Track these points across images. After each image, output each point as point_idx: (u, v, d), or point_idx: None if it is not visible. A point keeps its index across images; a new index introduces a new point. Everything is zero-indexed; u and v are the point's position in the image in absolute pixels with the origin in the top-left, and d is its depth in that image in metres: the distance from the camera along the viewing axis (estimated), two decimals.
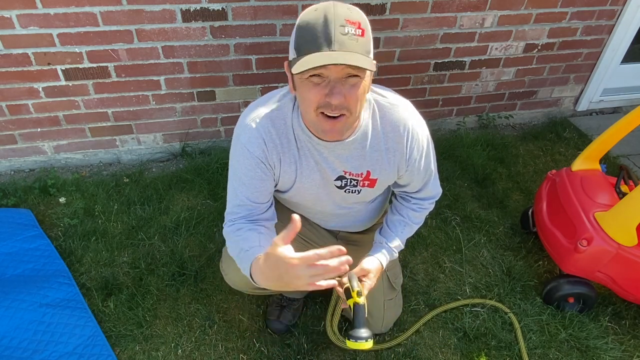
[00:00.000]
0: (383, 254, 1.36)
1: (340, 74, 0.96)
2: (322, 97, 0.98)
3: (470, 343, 1.66)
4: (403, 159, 1.23)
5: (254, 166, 1.17)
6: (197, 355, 1.58)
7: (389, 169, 1.25)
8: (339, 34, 0.92)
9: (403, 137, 1.20)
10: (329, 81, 0.97)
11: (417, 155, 1.24)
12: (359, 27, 0.95)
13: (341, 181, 1.26)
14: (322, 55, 0.92)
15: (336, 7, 0.94)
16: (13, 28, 1.91)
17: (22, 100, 2.14)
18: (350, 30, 0.93)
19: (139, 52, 2.11)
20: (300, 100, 1.05)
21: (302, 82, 0.99)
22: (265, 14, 2.12)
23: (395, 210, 1.44)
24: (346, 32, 0.92)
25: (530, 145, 2.78)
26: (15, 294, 1.63)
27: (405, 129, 1.19)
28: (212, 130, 2.50)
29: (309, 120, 1.08)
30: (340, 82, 0.97)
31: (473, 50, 2.56)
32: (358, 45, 0.94)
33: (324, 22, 0.93)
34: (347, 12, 0.95)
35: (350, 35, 0.93)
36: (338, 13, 0.93)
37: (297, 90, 1.05)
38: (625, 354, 1.66)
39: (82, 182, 2.28)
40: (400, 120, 1.19)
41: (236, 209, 1.23)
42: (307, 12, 0.98)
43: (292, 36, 1.01)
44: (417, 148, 1.23)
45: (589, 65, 2.87)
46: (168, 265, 1.86)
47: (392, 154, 1.22)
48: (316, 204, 1.35)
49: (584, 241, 1.60)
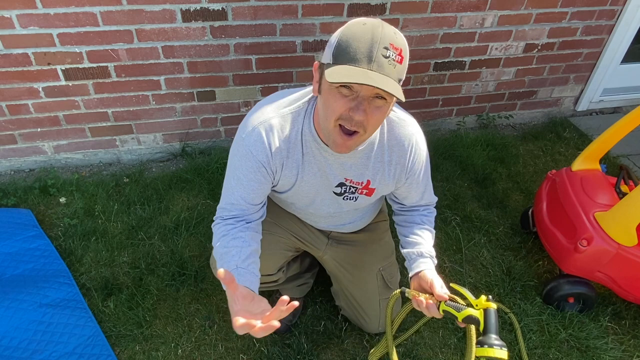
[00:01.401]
0: (422, 263, 1.26)
1: (370, 93, 0.97)
2: (346, 110, 0.99)
3: None
4: (403, 173, 1.26)
5: (255, 169, 1.17)
6: (197, 355, 1.58)
7: (388, 180, 1.27)
8: (380, 55, 0.93)
9: (407, 152, 1.23)
10: (357, 96, 0.97)
11: (418, 169, 1.28)
12: (400, 53, 0.95)
13: (341, 188, 1.27)
14: (360, 72, 0.92)
15: (384, 28, 0.95)
16: (13, 28, 1.91)
17: (22, 100, 2.14)
18: (392, 54, 0.94)
19: (139, 52, 2.11)
20: (323, 106, 1.05)
21: (330, 90, 0.99)
22: (265, 14, 2.12)
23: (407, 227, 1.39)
24: (387, 56, 0.93)
25: (530, 145, 2.78)
26: (15, 294, 1.63)
27: (409, 144, 1.22)
28: (212, 130, 2.50)
29: (325, 129, 1.08)
30: (367, 100, 0.98)
31: (473, 50, 2.56)
32: (395, 71, 0.95)
33: (370, 39, 0.93)
34: (393, 35, 0.95)
35: (390, 59, 0.93)
36: (385, 34, 0.94)
37: (322, 95, 1.05)
38: (625, 354, 1.66)
39: (82, 182, 2.28)
40: (406, 136, 1.21)
41: (229, 207, 1.23)
42: (355, 23, 0.97)
43: (332, 40, 1.00)
44: (418, 162, 1.26)
45: (589, 65, 2.87)
46: (168, 265, 1.86)
47: (393, 167, 1.24)
48: (310, 206, 1.35)
49: (584, 241, 1.60)
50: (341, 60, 0.95)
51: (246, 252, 1.14)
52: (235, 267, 1.10)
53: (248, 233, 1.19)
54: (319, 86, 1.05)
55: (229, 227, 1.19)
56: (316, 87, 1.07)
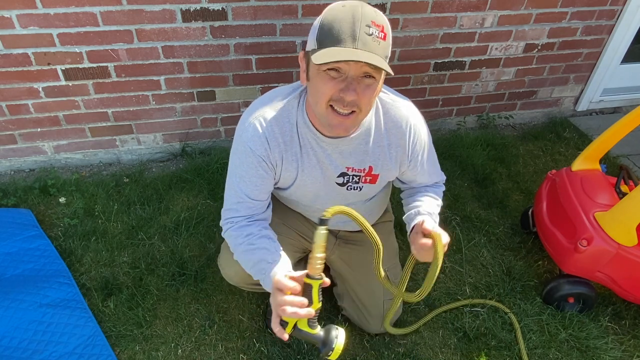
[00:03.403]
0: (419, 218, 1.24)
1: (358, 72, 0.98)
2: (336, 91, 1.00)
3: (470, 343, 1.66)
4: (405, 155, 1.26)
5: (255, 164, 1.18)
6: (197, 355, 1.58)
7: (390, 165, 1.26)
8: (363, 33, 0.94)
9: (405, 134, 1.22)
10: (345, 77, 0.99)
11: (420, 150, 1.27)
12: (382, 30, 0.97)
13: (343, 178, 1.26)
14: (346, 51, 0.94)
15: (364, 7, 0.96)
16: (13, 28, 1.91)
17: (22, 100, 2.14)
18: (375, 32, 0.95)
19: (139, 52, 2.11)
20: (313, 91, 1.06)
21: (318, 74, 1.00)
22: (265, 14, 2.12)
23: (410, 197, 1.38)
24: (370, 33, 0.95)
25: (530, 145, 2.78)
26: (15, 294, 1.63)
27: (407, 125, 1.22)
28: (212, 130, 2.50)
29: (318, 113, 1.08)
30: (357, 80, 0.99)
31: (473, 50, 2.56)
32: (379, 47, 0.96)
33: (351, 19, 0.95)
34: (373, 14, 0.97)
35: (374, 36, 0.95)
36: (365, 13, 0.95)
37: (310, 81, 1.06)
38: (625, 354, 1.66)
39: (82, 182, 2.28)
40: (402, 117, 1.21)
41: (235, 206, 1.23)
42: (334, 7, 0.99)
43: (313, 28, 1.01)
44: (419, 143, 1.26)
45: (589, 65, 2.87)
46: (168, 265, 1.86)
47: (394, 150, 1.24)
48: (315, 202, 1.35)
49: (584, 241, 1.60)
50: (326, 44, 0.96)
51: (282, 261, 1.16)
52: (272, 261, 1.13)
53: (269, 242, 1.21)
54: (307, 74, 1.06)
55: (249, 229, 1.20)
56: (304, 76, 1.08)
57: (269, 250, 1.16)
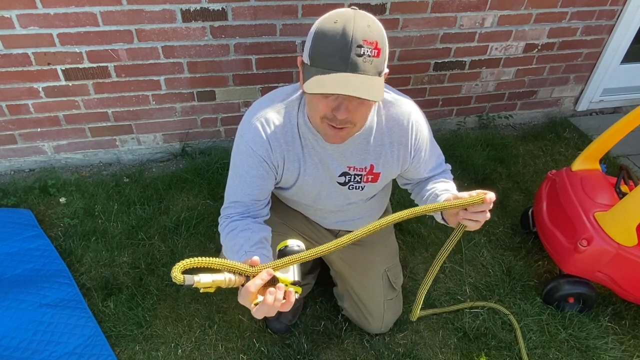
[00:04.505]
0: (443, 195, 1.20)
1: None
2: (329, 110, 1.00)
3: (470, 343, 1.66)
4: (407, 152, 1.26)
5: (257, 165, 1.18)
6: (197, 355, 1.58)
7: (392, 162, 1.26)
8: (354, 55, 0.92)
9: (407, 131, 1.22)
10: (337, 96, 0.98)
11: (423, 148, 1.28)
12: (376, 47, 0.94)
13: (345, 177, 1.27)
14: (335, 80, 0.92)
15: (356, 22, 0.92)
16: (13, 28, 1.91)
17: (22, 100, 2.14)
18: (367, 51, 0.92)
19: (139, 52, 2.11)
20: (308, 105, 1.07)
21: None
22: (265, 14, 2.12)
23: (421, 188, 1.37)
24: (362, 54, 0.92)
25: (530, 145, 2.78)
26: (15, 294, 1.63)
27: (409, 123, 1.22)
28: (212, 130, 2.50)
29: (314, 124, 1.11)
30: (348, 99, 0.98)
31: (473, 50, 2.56)
32: (372, 67, 0.94)
33: (342, 40, 0.91)
34: (366, 29, 0.93)
35: (365, 57, 0.93)
36: (357, 30, 0.91)
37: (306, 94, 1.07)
38: (625, 354, 1.66)
39: (82, 182, 2.28)
40: (403, 114, 1.21)
41: (233, 205, 1.24)
42: (327, 21, 0.96)
43: (309, 35, 0.99)
44: (422, 140, 1.26)
45: (589, 65, 2.87)
46: (168, 265, 1.86)
47: (395, 148, 1.24)
48: (316, 202, 1.35)
49: (584, 241, 1.60)
50: (316, 64, 0.95)
51: (255, 239, 1.12)
52: (244, 253, 1.07)
53: (256, 225, 1.20)
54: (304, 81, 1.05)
55: (236, 223, 1.19)
56: (302, 82, 1.07)
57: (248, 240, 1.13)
